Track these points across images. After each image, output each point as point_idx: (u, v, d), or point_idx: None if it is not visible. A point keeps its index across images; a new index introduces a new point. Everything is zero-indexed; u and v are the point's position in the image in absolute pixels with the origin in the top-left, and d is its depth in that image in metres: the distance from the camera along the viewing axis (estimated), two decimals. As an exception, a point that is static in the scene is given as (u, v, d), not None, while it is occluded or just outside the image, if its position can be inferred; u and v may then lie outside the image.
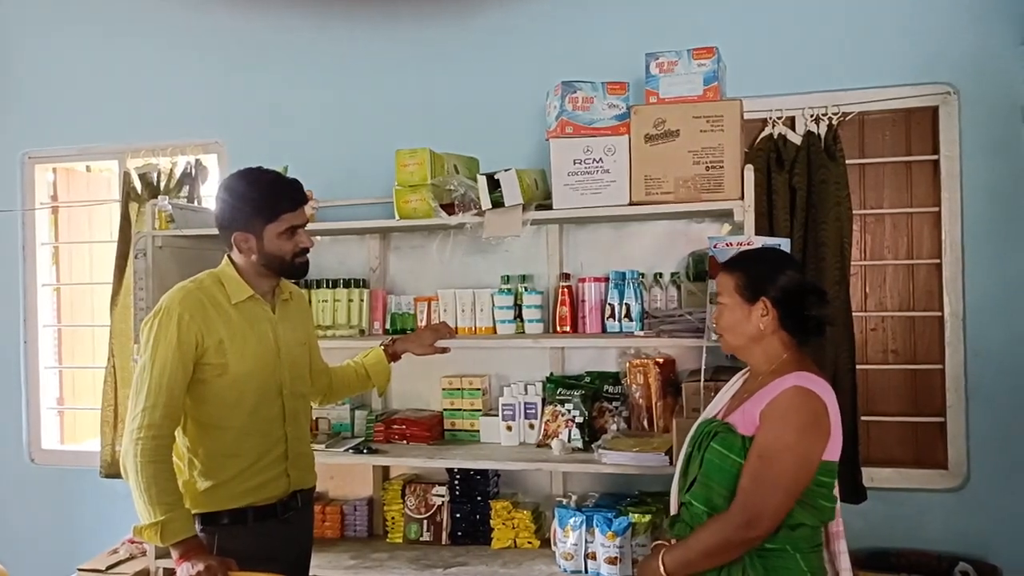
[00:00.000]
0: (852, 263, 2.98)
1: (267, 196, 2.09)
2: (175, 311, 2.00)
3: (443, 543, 2.99)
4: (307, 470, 2.25)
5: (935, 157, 3.02)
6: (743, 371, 2.01)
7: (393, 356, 2.53)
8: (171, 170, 3.57)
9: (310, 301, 3.08)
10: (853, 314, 2.97)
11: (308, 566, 2.30)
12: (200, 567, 1.88)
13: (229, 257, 2.16)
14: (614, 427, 2.84)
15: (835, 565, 1.87)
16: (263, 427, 2.11)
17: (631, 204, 2.64)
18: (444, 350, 2.59)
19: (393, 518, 3.06)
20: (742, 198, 2.52)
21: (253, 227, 2.08)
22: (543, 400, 2.96)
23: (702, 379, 2.41)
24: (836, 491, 1.82)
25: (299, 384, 2.23)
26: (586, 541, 2.67)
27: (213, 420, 2.05)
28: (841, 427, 1.78)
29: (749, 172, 2.52)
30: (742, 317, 1.87)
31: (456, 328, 2.98)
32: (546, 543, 2.86)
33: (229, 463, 2.06)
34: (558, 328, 2.94)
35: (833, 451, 1.76)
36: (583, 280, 2.94)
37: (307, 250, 2.17)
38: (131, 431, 1.94)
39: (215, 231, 2.22)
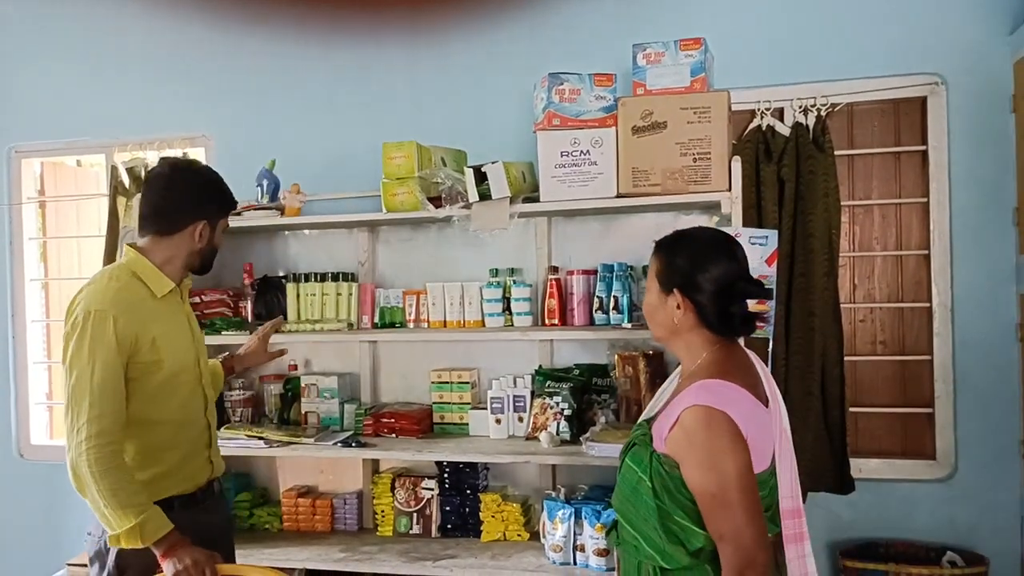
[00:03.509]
0: (841, 254, 2.99)
1: (226, 190, 2.19)
2: (108, 313, 1.93)
3: (433, 536, 2.99)
4: (219, 456, 2.26)
5: (923, 148, 3.02)
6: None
7: (229, 369, 2.61)
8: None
9: (298, 295, 3.09)
10: (841, 305, 2.97)
11: (233, 553, 2.30)
12: (187, 561, 1.88)
13: (137, 248, 2.09)
14: (603, 419, 2.84)
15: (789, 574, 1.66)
16: (191, 417, 2.13)
17: (618, 196, 2.63)
18: (281, 353, 2.82)
19: (383, 511, 3.06)
20: (729, 190, 2.51)
21: (214, 217, 2.12)
22: (532, 393, 2.95)
23: (689, 371, 2.41)
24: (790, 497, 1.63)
25: (207, 368, 2.26)
26: (575, 533, 2.67)
27: (145, 416, 2.00)
28: (762, 436, 1.59)
29: (737, 164, 2.52)
30: (659, 306, 1.71)
31: (445, 322, 3.00)
32: (535, 536, 2.86)
33: (165, 456, 2.04)
34: (546, 321, 2.94)
35: (754, 462, 1.56)
36: (571, 273, 2.93)
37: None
38: (79, 443, 1.87)
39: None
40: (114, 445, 1.91)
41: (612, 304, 2.83)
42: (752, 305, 1.72)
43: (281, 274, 3.26)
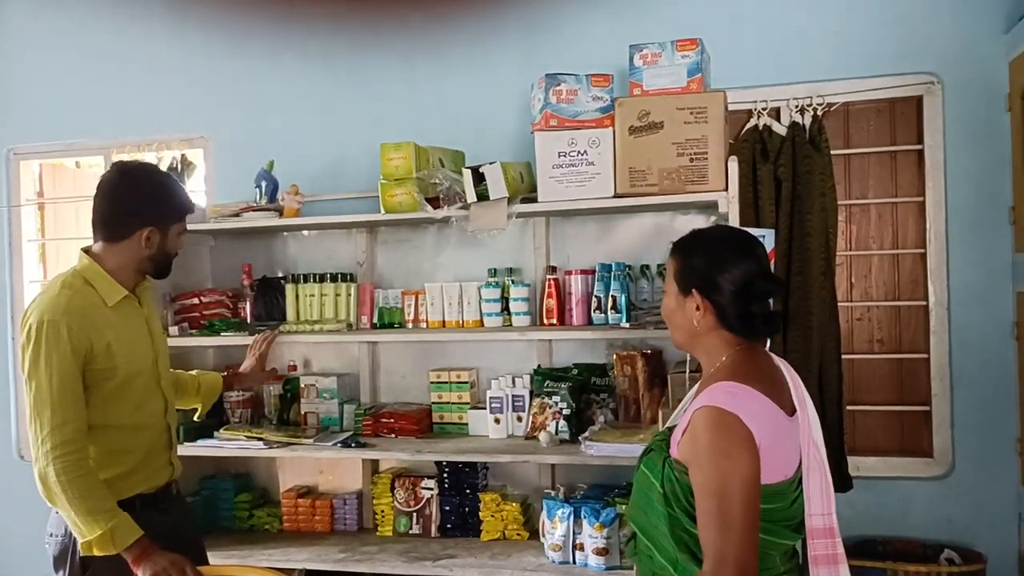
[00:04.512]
0: (838, 253, 3.00)
1: (181, 194, 2.19)
2: (61, 323, 1.92)
3: (432, 536, 3.00)
4: (178, 459, 2.26)
5: (919, 147, 3.03)
6: None
7: (229, 385, 2.73)
8: (156, 165, 3.56)
9: (297, 296, 3.10)
10: (839, 304, 2.98)
11: (203, 556, 2.29)
12: (162, 565, 1.88)
13: (90, 253, 2.09)
14: (602, 419, 2.85)
15: None
16: (149, 421, 2.14)
17: (616, 196, 2.64)
18: (274, 372, 3.09)
19: (383, 511, 3.06)
20: (726, 189, 2.52)
21: (164, 223, 2.10)
22: (531, 392, 2.96)
23: (687, 370, 2.42)
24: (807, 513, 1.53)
25: (167, 372, 2.26)
26: (574, 532, 2.68)
27: (102, 421, 2.00)
28: (783, 444, 1.51)
29: (733, 163, 2.53)
30: (677, 308, 1.65)
31: (444, 322, 3.02)
32: (535, 535, 2.87)
33: (124, 458, 2.04)
34: (545, 321, 2.95)
35: (767, 473, 1.47)
36: (569, 273, 2.95)
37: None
38: (44, 453, 1.88)
39: (200, 226, 2.22)
40: (79, 453, 1.91)
41: (610, 304, 2.84)
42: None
43: (280, 275, 3.27)
